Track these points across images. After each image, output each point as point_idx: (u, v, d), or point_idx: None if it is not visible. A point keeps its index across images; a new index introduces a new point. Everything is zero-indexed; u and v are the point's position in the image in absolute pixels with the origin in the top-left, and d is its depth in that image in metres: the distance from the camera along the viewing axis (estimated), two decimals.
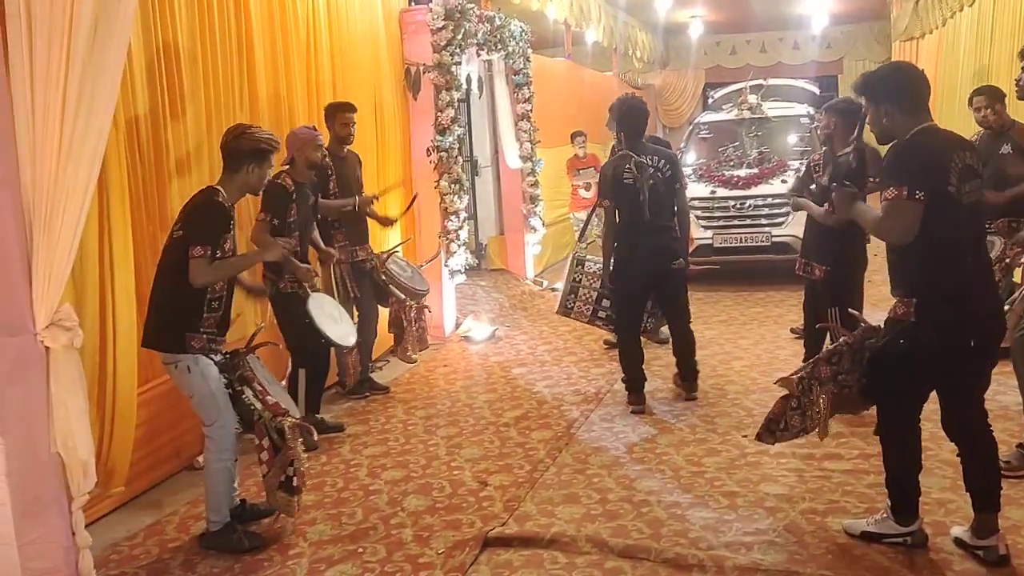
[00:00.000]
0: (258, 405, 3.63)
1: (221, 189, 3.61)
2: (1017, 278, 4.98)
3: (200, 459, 4.49)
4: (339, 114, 5.36)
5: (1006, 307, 3.65)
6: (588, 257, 6.11)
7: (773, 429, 3.51)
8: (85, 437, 3.08)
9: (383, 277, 5.56)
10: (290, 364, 4.99)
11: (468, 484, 4.24)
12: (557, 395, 5.65)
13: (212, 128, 4.61)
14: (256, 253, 4.13)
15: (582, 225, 7.09)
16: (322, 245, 5.18)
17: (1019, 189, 4.75)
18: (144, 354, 4.16)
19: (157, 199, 4.31)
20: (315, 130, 4.97)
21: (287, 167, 4.79)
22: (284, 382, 4.81)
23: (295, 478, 3.63)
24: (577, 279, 6.07)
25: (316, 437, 4.26)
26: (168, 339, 3.57)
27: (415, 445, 4.83)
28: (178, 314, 3.54)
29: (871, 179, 5.19)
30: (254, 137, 3.64)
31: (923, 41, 13.32)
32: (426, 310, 5.90)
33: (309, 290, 4.78)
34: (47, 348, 2.96)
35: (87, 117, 2.88)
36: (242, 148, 3.61)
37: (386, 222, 5.84)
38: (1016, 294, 3.99)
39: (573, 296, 6.08)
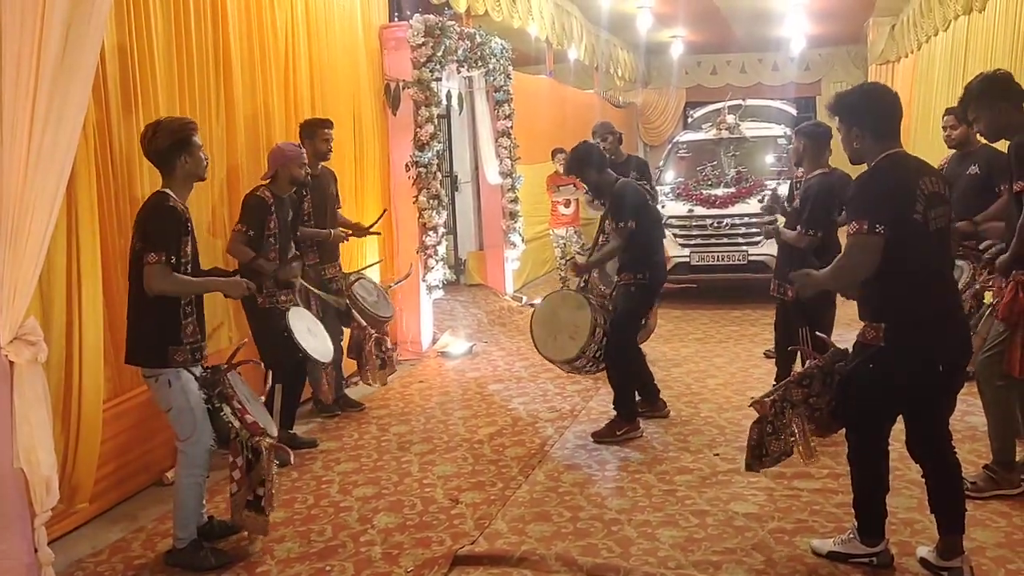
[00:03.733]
0: (236, 423, 3.60)
1: (170, 192, 3.54)
2: (988, 299, 5.04)
3: (169, 474, 4.46)
4: (320, 130, 5.35)
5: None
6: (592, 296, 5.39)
7: (758, 455, 3.52)
8: (48, 453, 3.05)
9: (347, 301, 5.52)
10: (269, 379, 4.97)
11: (440, 501, 4.22)
12: (532, 412, 5.65)
13: None
14: (220, 283, 3.81)
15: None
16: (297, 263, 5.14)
17: (988, 214, 4.81)
18: (113, 368, 4.15)
19: (130, 212, 4.25)
20: (300, 147, 4.98)
21: (267, 181, 4.79)
22: (263, 398, 4.78)
23: (264, 499, 3.61)
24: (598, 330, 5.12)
25: (292, 458, 4.24)
26: (151, 354, 3.53)
27: (388, 462, 4.80)
28: (156, 327, 3.50)
29: (841, 206, 5.29)
30: (167, 129, 3.54)
31: (899, 65, 13.54)
32: (386, 339, 5.71)
33: (289, 304, 4.77)
34: (11, 363, 2.93)
35: (56, 127, 2.86)
36: (162, 146, 3.53)
37: (360, 231, 5.77)
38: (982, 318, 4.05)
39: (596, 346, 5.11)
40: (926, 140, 9.46)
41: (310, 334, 4.78)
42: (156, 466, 4.48)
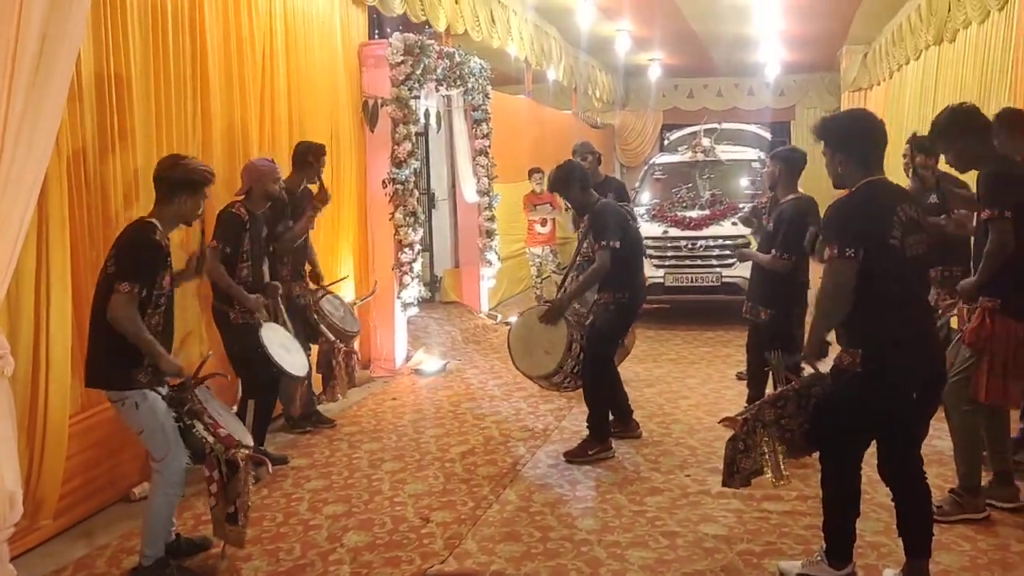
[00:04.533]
0: (210, 438, 3.57)
1: (157, 223, 3.54)
2: (954, 324, 5.12)
3: (137, 490, 4.41)
4: (322, 156, 5.45)
5: None
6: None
7: (731, 472, 3.54)
8: (13, 467, 3.01)
9: (315, 316, 5.51)
10: (241, 394, 4.94)
11: (410, 520, 4.20)
12: (505, 431, 5.64)
13: None
14: (160, 356, 3.47)
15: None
16: (267, 279, 5.11)
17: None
18: (80, 382, 4.08)
19: (102, 228, 4.24)
20: (274, 163, 4.97)
21: (242, 197, 4.77)
22: (235, 409, 4.74)
23: (241, 512, 3.57)
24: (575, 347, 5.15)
25: (270, 468, 4.19)
26: (113, 377, 3.49)
27: (359, 479, 4.77)
28: (119, 349, 3.45)
29: (812, 229, 5.36)
30: (188, 167, 3.61)
31: (871, 92, 13.78)
32: (355, 355, 5.75)
33: (261, 320, 4.74)
34: None
35: (28, 144, 2.85)
36: (176, 178, 3.57)
37: (318, 279, 5.68)
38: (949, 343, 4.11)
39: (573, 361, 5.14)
40: (896, 168, 9.62)
41: (284, 349, 4.76)
42: (123, 482, 4.43)
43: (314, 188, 5.51)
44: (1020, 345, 3.79)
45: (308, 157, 5.40)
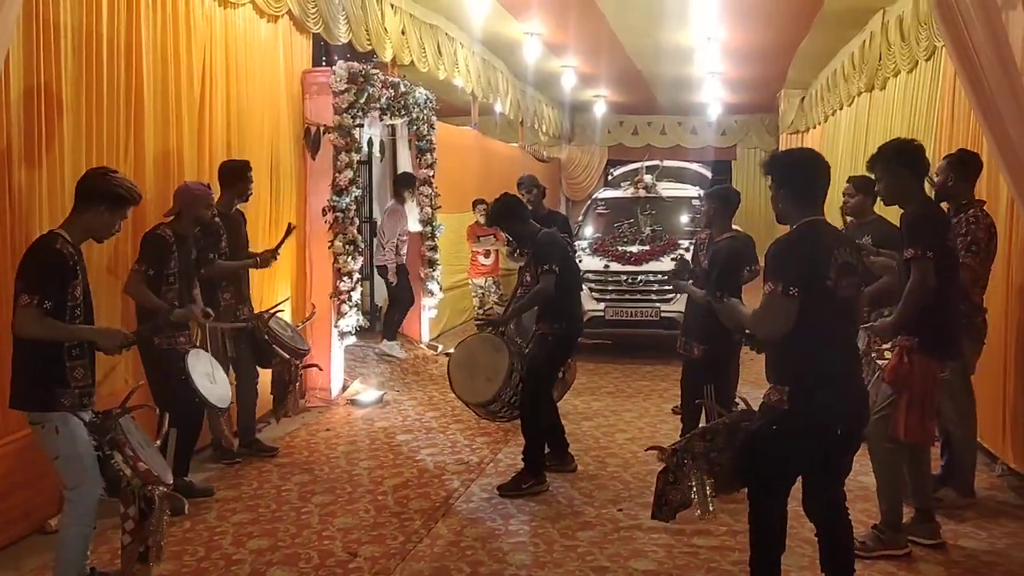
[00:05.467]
0: (127, 471, 3.45)
1: (63, 233, 3.42)
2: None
3: (53, 522, 4.23)
4: (249, 173, 5.39)
5: None
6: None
7: (660, 505, 3.54)
8: None
9: (265, 336, 5.45)
10: (163, 424, 4.79)
11: (337, 555, 4.12)
12: (440, 464, 5.58)
13: None
14: (93, 332, 3.55)
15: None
16: (200, 303, 5.00)
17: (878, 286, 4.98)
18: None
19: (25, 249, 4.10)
20: (209, 188, 4.90)
21: (170, 219, 4.68)
22: (159, 442, 4.61)
23: (154, 549, 3.45)
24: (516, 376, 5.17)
25: (187, 508, 4.07)
26: (36, 398, 3.38)
27: (287, 512, 4.67)
28: (41, 369, 3.35)
29: (747, 268, 5.48)
30: (115, 180, 3.52)
31: (807, 135, 14.19)
32: (315, 368, 5.78)
33: (188, 346, 4.63)
34: None
35: None
36: (99, 187, 3.47)
37: (268, 257, 5.63)
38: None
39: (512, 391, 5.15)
40: (830, 209, 9.90)
41: (208, 378, 4.65)
42: (38, 513, 4.25)
43: (243, 208, 5.48)
44: (936, 383, 3.91)
45: (235, 174, 5.35)
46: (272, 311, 5.62)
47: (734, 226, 5.49)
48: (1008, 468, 5.09)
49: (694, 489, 3.48)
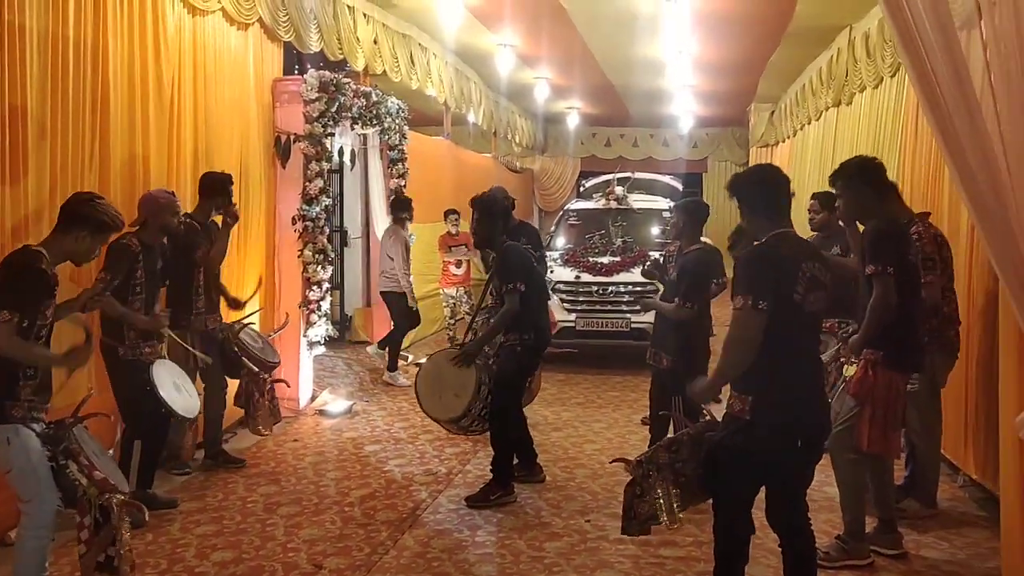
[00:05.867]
0: (83, 480, 3.40)
1: (44, 252, 3.40)
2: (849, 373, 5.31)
3: (12, 534, 4.14)
4: (230, 187, 5.39)
5: None
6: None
7: (629, 518, 3.55)
8: None
9: (235, 348, 5.40)
10: (120, 434, 4.73)
11: (302, 567, 4.08)
12: (408, 475, 5.55)
13: (56, 192, 4.40)
14: (62, 359, 3.56)
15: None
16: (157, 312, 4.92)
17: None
18: None
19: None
20: (174, 195, 4.86)
21: (136, 228, 4.63)
22: (112, 452, 4.55)
23: (116, 559, 3.39)
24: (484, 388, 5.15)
25: (147, 516, 4.01)
26: None
27: (251, 524, 4.62)
28: None
29: (714, 281, 5.53)
30: (100, 207, 3.54)
31: (776, 148, 14.37)
32: (284, 384, 5.74)
33: (153, 357, 4.58)
34: None
35: None
36: (83, 212, 3.49)
37: (235, 304, 5.70)
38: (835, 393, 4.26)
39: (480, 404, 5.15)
40: (798, 222, 10.02)
41: (175, 388, 4.59)
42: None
43: (218, 219, 5.43)
44: (899, 396, 3.97)
45: (215, 187, 5.32)
46: (243, 322, 5.58)
47: (703, 238, 5.54)
48: (970, 479, 5.16)
49: (660, 500, 3.50)
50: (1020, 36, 2.72)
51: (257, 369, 5.49)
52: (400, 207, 8.57)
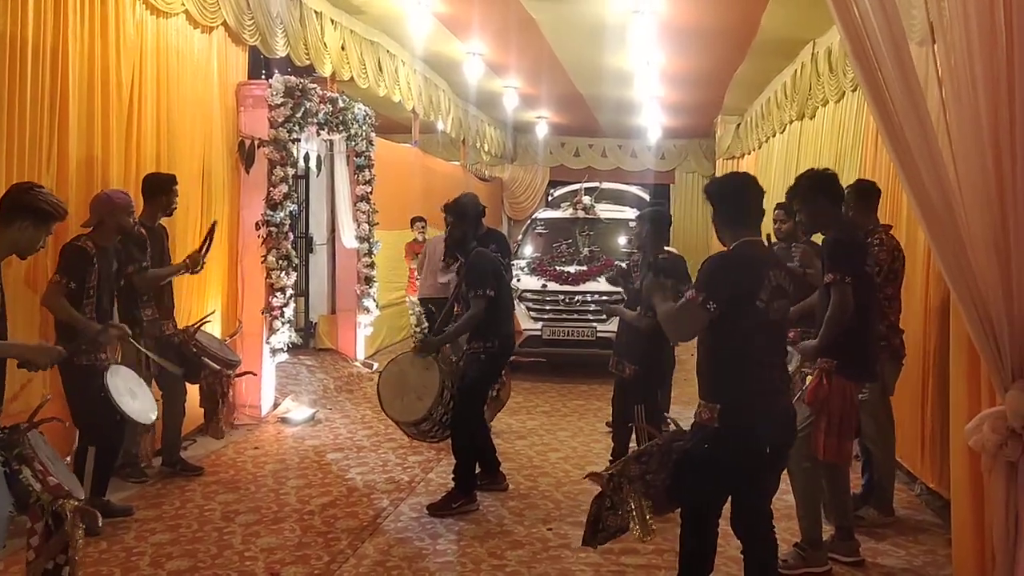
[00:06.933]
0: (36, 486, 3.31)
1: None
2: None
3: None
4: (174, 187, 5.27)
5: None
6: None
7: (596, 530, 3.53)
8: None
9: (193, 349, 5.32)
10: (77, 441, 4.63)
11: (259, 575, 4.02)
12: (369, 483, 5.51)
13: None
14: (24, 350, 3.47)
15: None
16: (115, 320, 4.83)
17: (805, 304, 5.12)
18: None
19: None
20: (129, 196, 4.78)
21: (90, 230, 4.55)
22: (69, 459, 4.46)
23: (66, 567, 3.31)
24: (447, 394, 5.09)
25: (101, 523, 3.93)
26: None
27: (208, 532, 4.55)
28: None
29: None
30: (40, 195, 3.42)
31: (743, 160, 14.52)
32: (251, 374, 5.67)
33: (108, 362, 4.50)
34: None
35: None
36: (23, 202, 3.36)
37: (196, 259, 5.45)
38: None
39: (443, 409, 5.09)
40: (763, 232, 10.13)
41: (130, 394, 4.51)
42: None
43: (164, 222, 5.39)
44: (853, 405, 4.02)
45: (157, 187, 5.23)
46: (198, 325, 5.51)
47: (668, 248, 5.57)
48: (927, 487, 5.23)
49: (633, 513, 3.49)
50: (970, 52, 2.77)
51: (219, 367, 5.40)
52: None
